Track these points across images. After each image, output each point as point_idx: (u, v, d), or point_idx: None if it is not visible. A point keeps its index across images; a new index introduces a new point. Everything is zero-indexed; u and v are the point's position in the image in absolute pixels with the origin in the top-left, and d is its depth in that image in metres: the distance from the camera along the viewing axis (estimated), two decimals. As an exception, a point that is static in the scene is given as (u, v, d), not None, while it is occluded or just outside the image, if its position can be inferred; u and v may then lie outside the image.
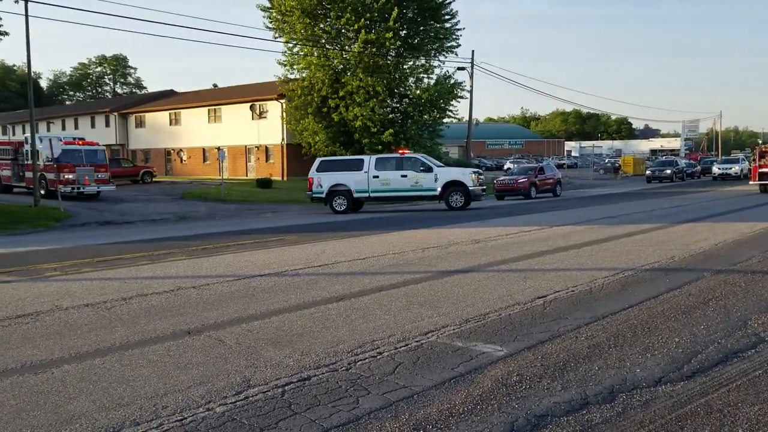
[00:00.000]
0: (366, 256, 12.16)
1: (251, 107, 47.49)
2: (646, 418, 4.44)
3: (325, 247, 13.90)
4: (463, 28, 44.06)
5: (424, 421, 4.45)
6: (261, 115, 47.12)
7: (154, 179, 43.34)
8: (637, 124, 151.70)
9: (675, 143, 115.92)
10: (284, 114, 43.47)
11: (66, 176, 28.30)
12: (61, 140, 30.39)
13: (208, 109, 51.62)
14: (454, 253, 12.50)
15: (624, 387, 5.02)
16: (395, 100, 42.20)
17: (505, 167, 63.29)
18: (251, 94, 48.93)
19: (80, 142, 30.79)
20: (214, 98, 53.79)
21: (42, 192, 27.50)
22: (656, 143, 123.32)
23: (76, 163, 29.09)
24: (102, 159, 30.78)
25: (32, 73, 27.48)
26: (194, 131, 51.76)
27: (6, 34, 26.14)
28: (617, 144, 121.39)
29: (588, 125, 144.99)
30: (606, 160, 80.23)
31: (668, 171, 50.38)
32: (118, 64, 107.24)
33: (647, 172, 52.59)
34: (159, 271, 11.14)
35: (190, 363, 5.80)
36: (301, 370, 5.53)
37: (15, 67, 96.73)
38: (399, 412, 4.61)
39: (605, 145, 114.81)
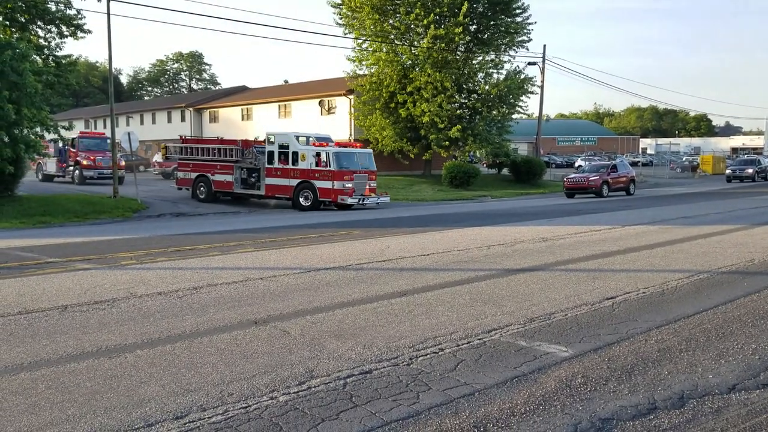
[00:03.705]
0: (430, 252, 12.14)
1: (320, 103, 48.06)
2: (717, 426, 4.27)
3: (390, 242, 13.95)
4: (535, 22, 43.38)
5: (484, 419, 4.41)
6: (329, 110, 47.63)
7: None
8: (718, 121, 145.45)
9: (758, 141, 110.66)
10: (352, 109, 43.80)
11: (347, 185, 24.00)
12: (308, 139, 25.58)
13: (279, 105, 52.58)
14: (520, 251, 12.33)
15: (695, 393, 4.85)
16: (463, 96, 41.84)
17: (576, 164, 61.68)
18: (320, 90, 49.55)
19: (349, 144, 25.49)
20: (284, 94, 54.76)
21: (306, 204, 24.35)
22: (738, 141, 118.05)
23: (353, 169, 24.52)
24: (371, 164, 25.84)
25: (113, 70, 28.53)
26: (265, 126, 52.71)
27: (89, 32, 27.16)
28: (696, 141, 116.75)
29: (665, 122, 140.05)
30: (683, 159, 77.20)
31: (750, 170, 48.22)
32: (194, 61, 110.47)
33: (727, 171, 50.44)
34: (229, 262, 11.44)
35: (256, 352, 5.94)
36: (363, 363, 5.58)
37: (98, 64, 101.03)
38: (459, 409, 4.59)
39: (683, 143, 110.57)
